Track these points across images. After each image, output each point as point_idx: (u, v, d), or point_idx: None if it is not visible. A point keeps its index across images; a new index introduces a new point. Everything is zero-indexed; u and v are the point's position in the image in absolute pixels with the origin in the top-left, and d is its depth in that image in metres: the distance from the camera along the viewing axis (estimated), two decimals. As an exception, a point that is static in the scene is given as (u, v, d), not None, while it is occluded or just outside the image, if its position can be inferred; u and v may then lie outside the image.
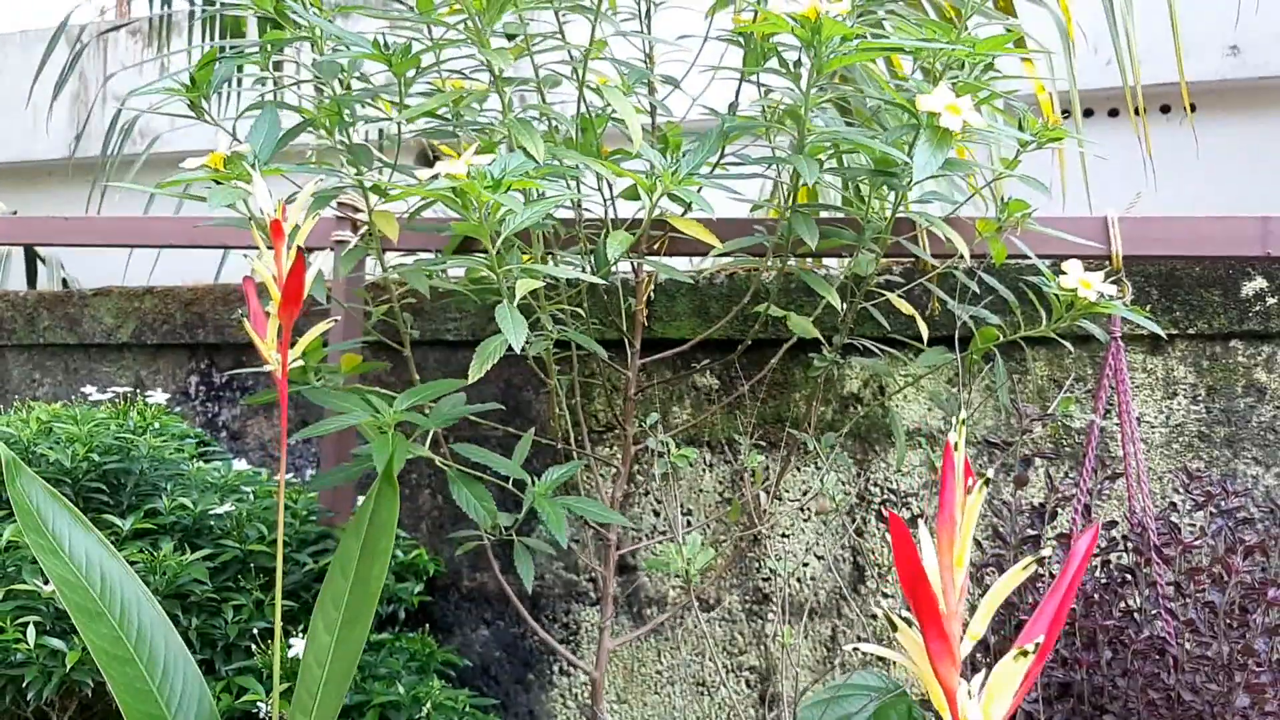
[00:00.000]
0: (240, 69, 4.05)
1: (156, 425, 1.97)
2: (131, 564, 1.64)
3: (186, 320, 2.63)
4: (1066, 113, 2.57)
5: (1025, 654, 0.69)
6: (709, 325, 2.14)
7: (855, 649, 0.64)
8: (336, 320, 1.38)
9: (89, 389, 2.63)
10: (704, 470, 2.20)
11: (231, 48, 4.22)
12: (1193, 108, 5.45)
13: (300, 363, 1.40)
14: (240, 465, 2.18)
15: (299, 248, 1.26)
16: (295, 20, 1.50)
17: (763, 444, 2.14)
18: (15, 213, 3.87)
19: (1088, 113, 5.32)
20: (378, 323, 1.78)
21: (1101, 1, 2.48)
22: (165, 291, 2.66)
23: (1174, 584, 1.53)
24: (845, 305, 1.59)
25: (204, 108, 1.51)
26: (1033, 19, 2.25)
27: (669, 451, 1.47)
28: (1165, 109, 5.32)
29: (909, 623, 0.74)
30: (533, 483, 1.46)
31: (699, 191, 1.40)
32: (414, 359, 1.80)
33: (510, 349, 1.23)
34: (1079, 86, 2.65)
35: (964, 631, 0.74)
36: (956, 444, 0.73)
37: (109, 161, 3.85)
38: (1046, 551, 1.53)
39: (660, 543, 1.94)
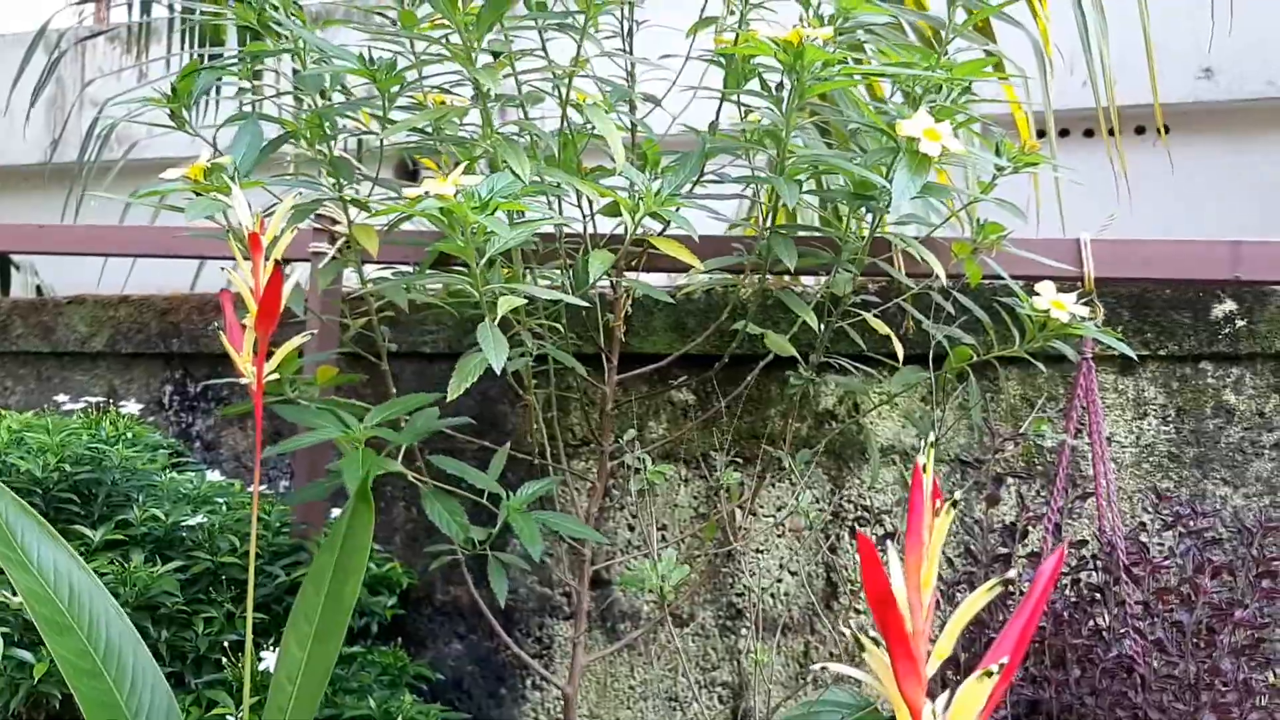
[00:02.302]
0: (220, 78, 4.03)
1: (130, 435, 1.96)
2: (101, 575, 1.64)
3: (161, 330, 2.61)
4: (1043, 133, 2.60)
5: (989, 675, 0.70)
6: (686, 340, 2.14)
7: (824, 668, 0.65)
8: (313, 334, 1.37)
9: (62, 398, 2.61)
10: (679, 485, 2.20)
11: (212, 56, 4.22)
12: (1166, 129, 5.52)
13: (276, 375, 1.39)
14: (214, 476, 2.17)
15: (276, 261, 1.26)
16: (278, 31, 1.50)
17: (739, 460, 2.15)
18: None
19: (1064, 132, 5.38)
20: (354, 335, 1.78)
21: (1076, 25, 2.51)
22: (140, 300, 2.64)
23: (1142, 603, 1.55)
24: (822, 324, 1.60)
25: (185, 118, 1.50)
26: (1010, 41, 2.28)
27: (644, 468, 1.47)
28: (1140, 130, 5.38)
29: (877, 642, 0.75)
30: (508, 497, 1.46)
31: (679, 211, 1.40)
32: (390, 371, 1.80)
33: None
34: (1056, 106, 2.68)
35: (931, 650, 0.75)
36: (925, 465, 0.73)
37: (85, 168, 3.83)
38: (1013, 573, 1.54)
39: (635, 559, 1.95)
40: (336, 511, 2.00)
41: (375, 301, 1.57)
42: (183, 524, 1.78)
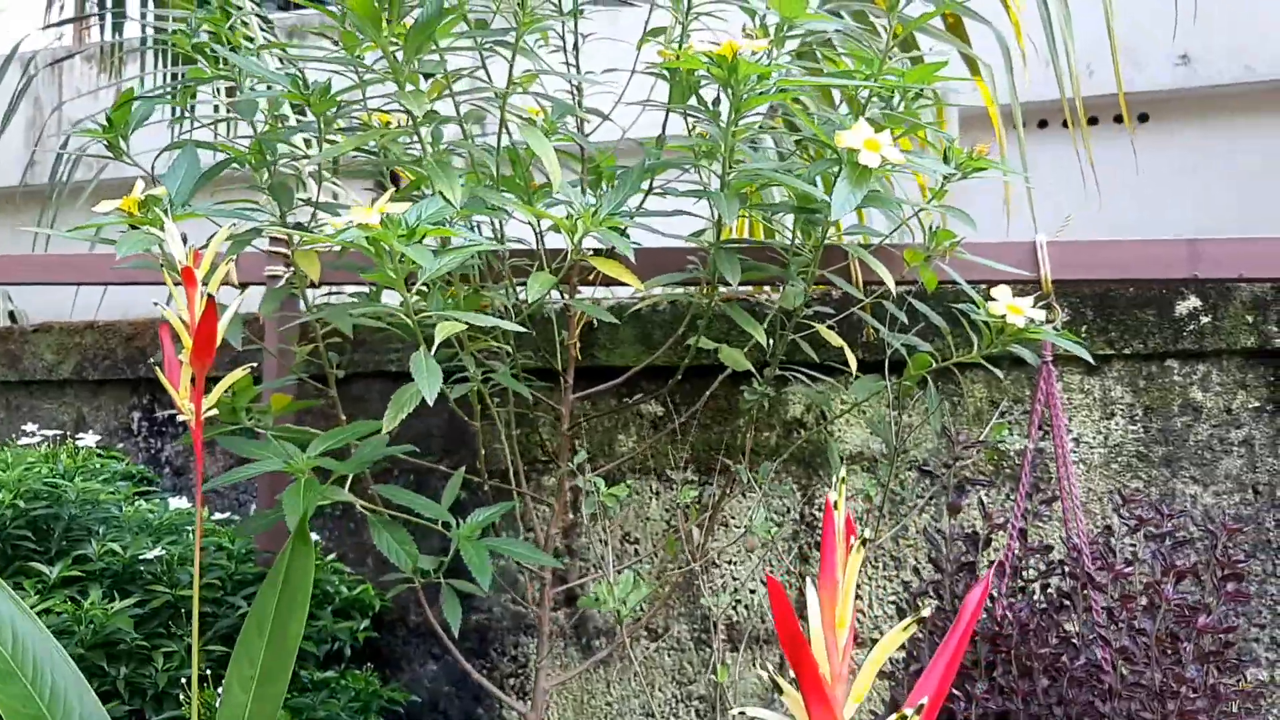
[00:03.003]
0: (192, 94, 3.99)
1: (91, 466, 1.94)
2: (57, 615, 1.62)
3: (128, 355, 2.59)
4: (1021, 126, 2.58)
5: (905, 718, 0.68)
6: (651, 352, 2.13)
7: (741, 713, 0.62)
8: (253, 366, 1.35)
9: (30, 427, 2.59)
10: (650, 498, 2.18)
11: (185, 76, 4.18)
12: (1145, 117, 5.51)
13: (213, 411, 1.37)
14: (180, 503, 2.15)
15: (209, 295, 1.24)
16: (215, 57, 1.49)
17: (710, 470, 2.13)
18: None
19: (1042, 123, 5.36)
20: (312, 356, 1.76)
21: (1040, 17, 2.50)
22: (106, 327, 2.62)
23: (1107, 610, 1.53)
24: (775, 338, 1.58)
25: (122, 148, 1.48)
26: (984, 35, 2.27)
27: (598, 491, 1.45)
28: (1119, 119, 5.37)
29: (794, 684, 0.73)
30: (458, 525, 1.44)
31: (625, 229, 1.38)
32: (355, 391, 1.77)
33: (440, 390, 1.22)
34: (1032, 97, 2.65)
35: (849, 691, 0.73)
36: (836, 502, 0.72)
37: (56, 189, 3.81)
38: (926, 612, 1.52)
39: (604, 578, 1.93)
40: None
41: (322, 328, 1.55)
42: (141, 557, 1.76)
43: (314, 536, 1.92)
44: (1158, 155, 5.25)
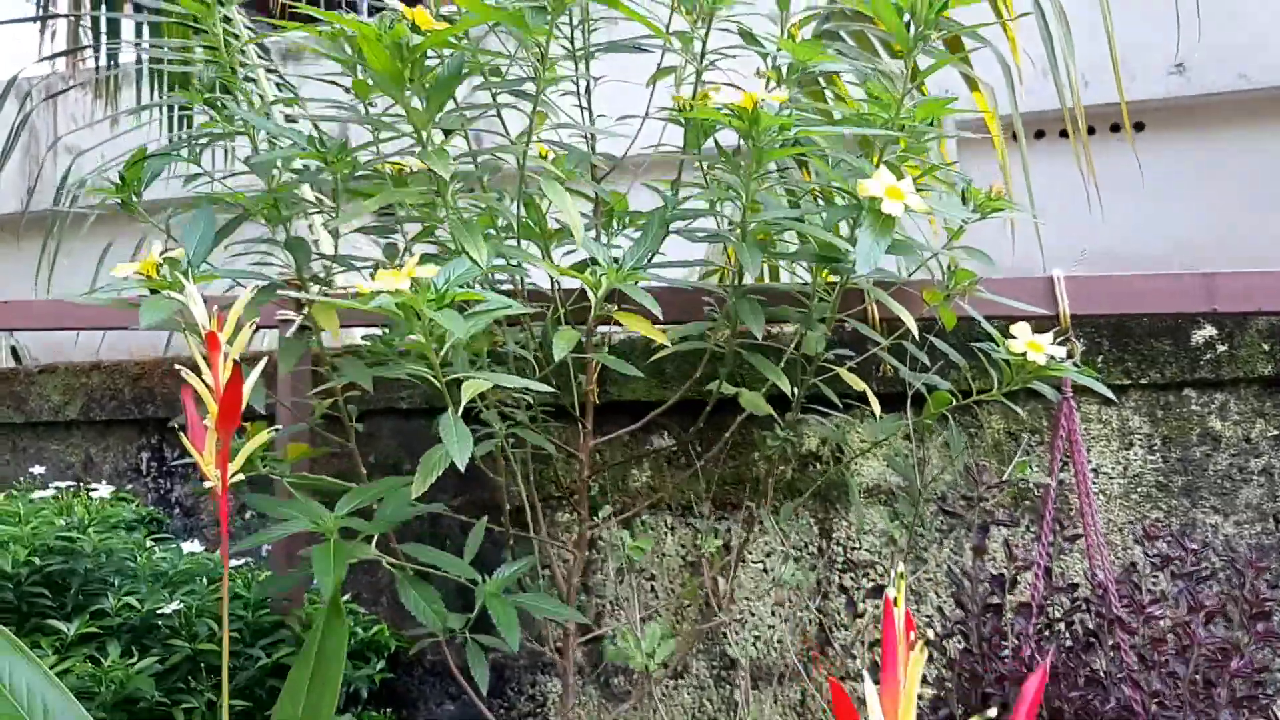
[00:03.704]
0: (191, 122, 3.96)
1: (103, 518, 1.92)
2: (78, 676, 1.60)
3: (135, 395, 2.58)
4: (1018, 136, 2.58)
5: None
6: (665, 385, 2.12)
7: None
8: (277, 429, 1.34)
9: (38, 469, 2.57)
10: (665, 534, 2.17)
11: (182, 106, 4.16)
12: (1141, 126, 5.51)
13: (240, 475, 1.36)
14: (193, 547, 2.13)
15: (235, 361, 1.23)
16: (229, 114, 1.48)
17: (726, 505, 2.12)
18: None
19: (1039, 133, 5.37)
20: (326, 397, 1.74)
21: (1040, 36, 2.50)
22: (113, 366, 2.61)
23: (1138, 653, 1.52)
24: (797, 382, 1.57)
25: (134, 204, 1.47)
26: (982, 49, 2.27)
27: (623, 545, 1.44)
28: (1115, 128, 5.37)
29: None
30: (483, 580, 1.43)
31: (642, 281, 1.37)
32: (368, 428, 1.75)
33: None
34: (1030, 108, 2.64)
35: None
36: (896, 599, 0.71)
37: (58, 220, 3.77)
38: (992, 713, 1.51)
39: (621, 621, 1.91)
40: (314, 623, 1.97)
41: (340, 379, 1.54)
42: (159, 611, 1.75)
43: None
44: (1154, 164, 5.24)
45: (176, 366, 1.27)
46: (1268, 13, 4.93)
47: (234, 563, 2.16)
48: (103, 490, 2.01)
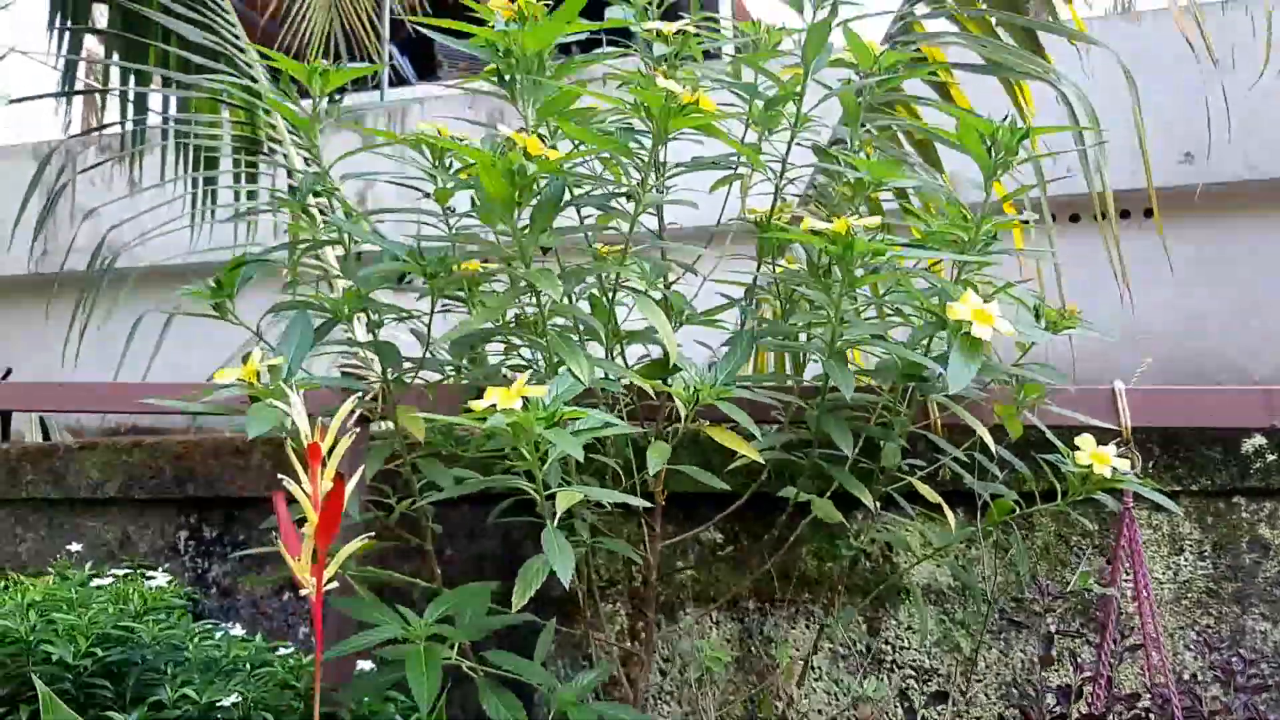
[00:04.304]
0: (216, 196, 3.98)
1: (158, 607, 1.92)
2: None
3: (176, 474, 2.58)
4: (1026, 221, 2.64)
5: None
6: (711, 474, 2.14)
7: None
8: (368, 537, 1.35)
9: (75, 546, 2.56)
10: (710, 627, 2.17)
11: (207, 179, 4.19)
12: (1149, 213, 5.62)
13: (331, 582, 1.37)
14: (235, 631, 2.13)
15: (339, 474, 1.25)
16: (322, 217, 1.51)
17: (773, 601, 2.12)
18: (9, 372, 3.79)
19: (1052, 217, 5.44)
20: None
21: (1072, 137, 2.57)
22: (154, 445, 2.61)
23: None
24: (872, 492, 1.60)
25: (228, 308, 1.50)
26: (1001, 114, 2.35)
27: (702, 653, 1.45)
28: (1125, 214, 5.47)
29: None
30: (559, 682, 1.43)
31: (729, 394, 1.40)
32: (429, 510, 1.75)
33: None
34: (1051, 193, 2.71)
35: None
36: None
37: (90, 288, 3.75)
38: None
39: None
40: (363, 664, 1.96)
41: (419, 481, 1.56)
42: (218, 704, 1.74)
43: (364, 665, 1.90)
44: (1161, 249, 5.32)
45: (282, 479, 1.28)
46: (1277, 106, 5.06)
47: (281, 652, 2.15)
48: (160, 579, 2.01)
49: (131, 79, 4.16)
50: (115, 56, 4.09)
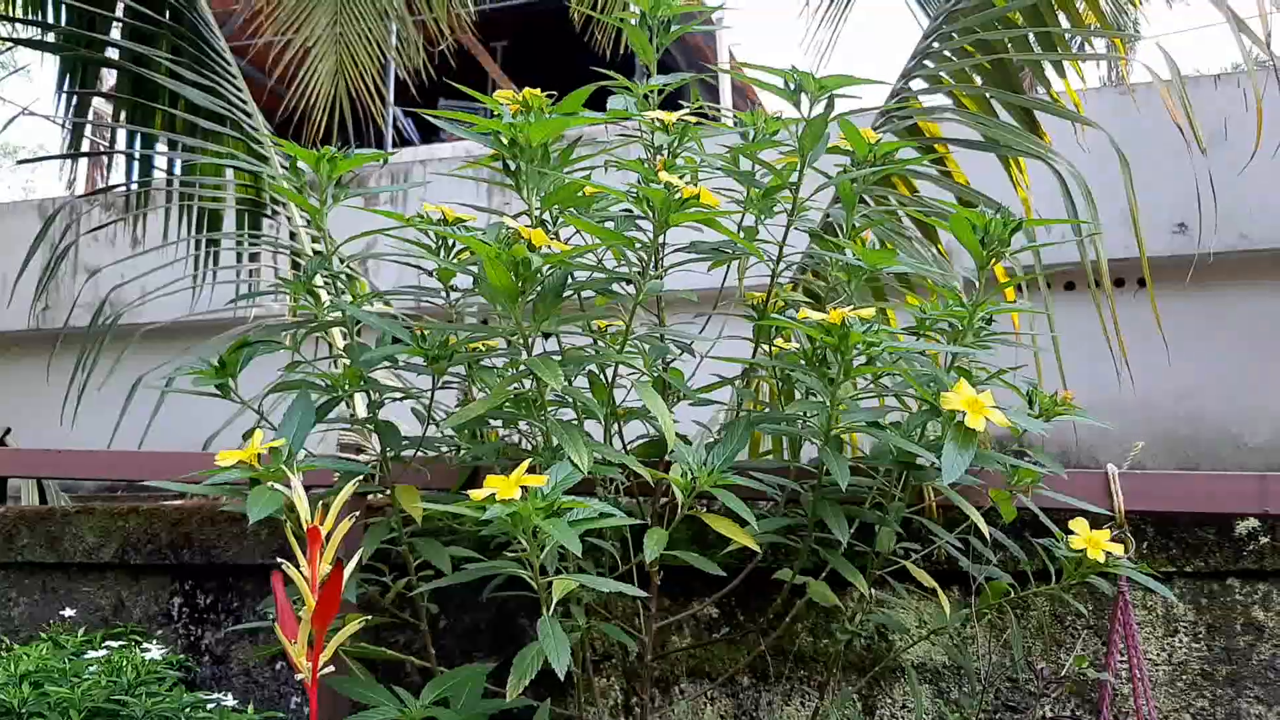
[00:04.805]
0: (219, 259, 4.00)
1: (156, 674, 1.91)
2: None
3: (172, 540, 2.58)
4: (1020, 288, 2.66)
5: None
6: (705, 551, 2.14)
7: None
8: (367, 619, 1.36)
9: (69, 611, 2.56)
10: (705, 704, 2.17)
11: (209, 241, 4.22)
12: (1143, 282, 5.68)
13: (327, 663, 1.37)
14: (227, 701, 2.12)
15: (338, 559, 1.26)
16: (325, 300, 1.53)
17: (768, 678, 2.12)
18: (9, 431, 3.79)
19: (1047, 284, 5.49)
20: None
21: (1060, 201, 2.61)
22: (151, 511, 2.61)
23: None
24: (867, 576, 1.61)
25: (230, 387, 1.52)
26: (1000, 197, 2.40)
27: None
28: (1119, 282, 5.53)
29: None
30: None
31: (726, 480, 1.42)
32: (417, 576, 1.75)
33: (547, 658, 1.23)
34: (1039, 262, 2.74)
35: None
36: None
37: (90, 348, 3.76)
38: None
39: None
40: None
41: (414, 558, 1.57)
42: (211, 781, 1.73)
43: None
44: (1156, 316, 5.36)
45: (279, 562, 1.29)
46: (1268, 180, 5.13)
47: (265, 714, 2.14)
48: (154, 651, 2.00)
49: (137, 141, 4.22)
50: (123, 117, 4.15)
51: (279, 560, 1.35)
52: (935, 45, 3.05)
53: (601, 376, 1.61)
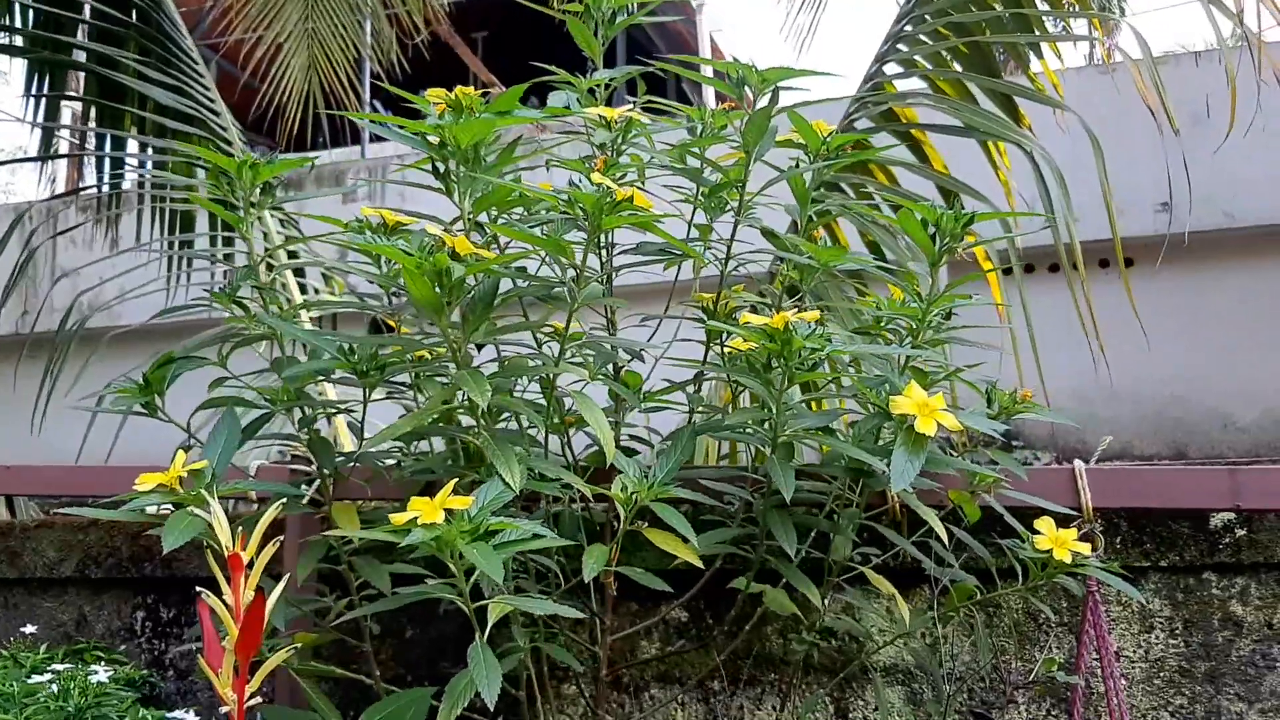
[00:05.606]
0: (191, 262, 3.92)
1: (99, 703, 1.86)
2: None
3: (133, 554, 2.53)
4: (1008, 270, 2.61)
5: None
6: (661, 560, 2.09)
7: None
8: (296, 648, 1.31)
9: (30, 628, 2.51)
10: (677, 709, 2.12)
11: (183, 243, 4.15)
12: (1130, 261, 5.64)
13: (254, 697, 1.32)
14: (188, 717, 2.07)
15: (259, 589, 1.20)
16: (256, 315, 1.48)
17: (738, 681, 2.07)
18: None
19: (1029, 268, 5.46)
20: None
21: (1039, 194, 2.56)
22: (111, 524, 2.56)
23: None
24: (824, 585, 1.56)
25: (157, 405, 1.46)
26: (981, 178, 2.34)
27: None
28: (1104, 263, 5.47)
29: None
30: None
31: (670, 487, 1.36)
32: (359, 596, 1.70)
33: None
34: (1020, 244, 2.69)
35: None
36: None
37: (56, 355, 3.71)
38: None
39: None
40: None
41: (355, 578, 1.51)
42: (160, 808, 1.69)
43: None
44: (1142, 297, 5.34)
45: (198, 590, 1.24)
46: (1249, 157, 5.07)
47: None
48: (101, 674, 1.95)
49: (108, 142, 4.16)
50: (93, 119, 4.08)
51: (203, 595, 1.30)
52: (908, 29, 2.99)
53: (547, 388, 1.56)
